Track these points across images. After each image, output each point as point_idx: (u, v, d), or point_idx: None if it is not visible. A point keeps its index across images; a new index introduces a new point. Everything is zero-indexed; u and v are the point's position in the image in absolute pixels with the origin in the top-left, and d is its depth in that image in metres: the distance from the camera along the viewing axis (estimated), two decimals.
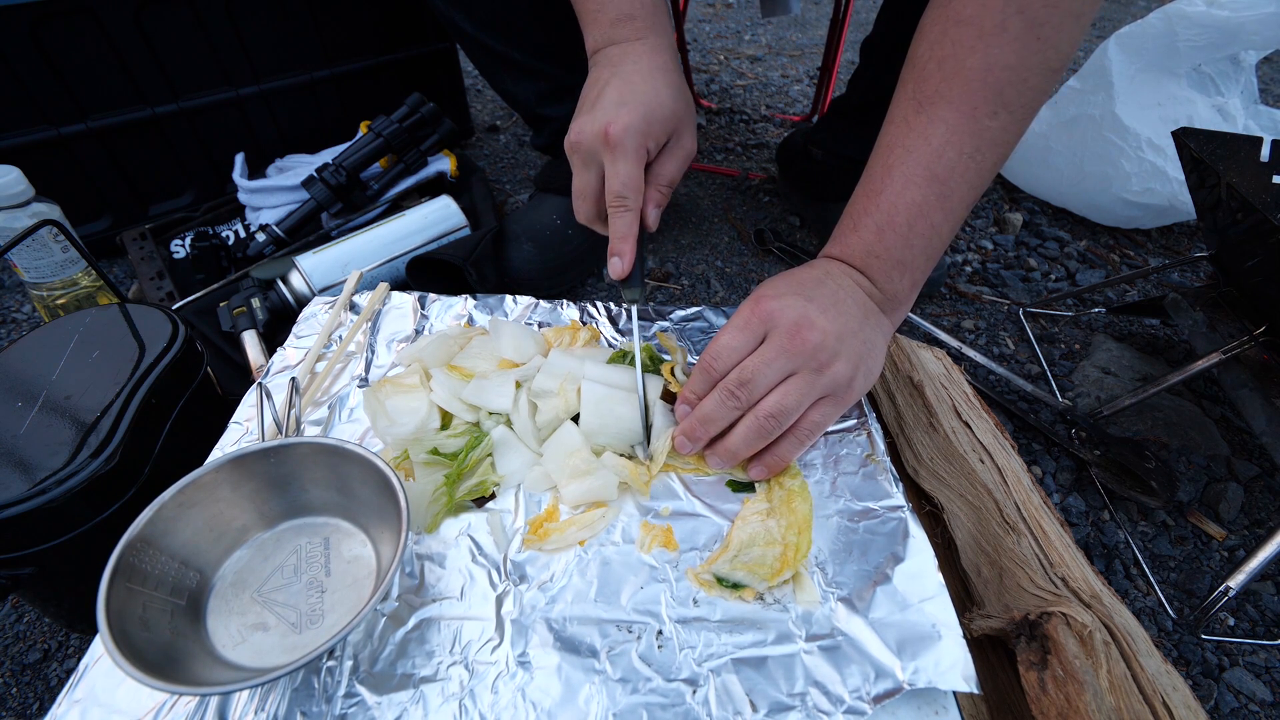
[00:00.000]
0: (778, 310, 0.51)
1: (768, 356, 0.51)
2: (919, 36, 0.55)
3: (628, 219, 0.55)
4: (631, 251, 0.56)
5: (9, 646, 0.65)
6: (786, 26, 2.19)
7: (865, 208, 0.56)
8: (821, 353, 0.51)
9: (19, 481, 0.50)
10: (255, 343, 0.81)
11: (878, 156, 0.56)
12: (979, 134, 0.52)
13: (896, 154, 0.54)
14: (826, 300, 0.53)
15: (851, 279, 0.56)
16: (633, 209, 0.55)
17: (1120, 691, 0.45)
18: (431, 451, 0.53)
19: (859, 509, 0.53)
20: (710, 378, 0.53)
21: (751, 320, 0.52)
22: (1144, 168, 1.11)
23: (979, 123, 0.51)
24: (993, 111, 0.51)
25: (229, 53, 1.07)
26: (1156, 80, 1.10)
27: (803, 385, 0.51)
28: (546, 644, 0.45)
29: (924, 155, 0.53)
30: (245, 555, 0.49)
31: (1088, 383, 0.91)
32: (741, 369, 0.51)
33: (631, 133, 0.54)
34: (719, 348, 0.52)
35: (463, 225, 0.99)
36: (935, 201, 0.53)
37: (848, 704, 0.41)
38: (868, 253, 0.56)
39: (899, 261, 0.55)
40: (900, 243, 0.55)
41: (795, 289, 0.53)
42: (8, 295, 1.06)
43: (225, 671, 0.42)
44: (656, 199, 0.58)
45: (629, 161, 0.54)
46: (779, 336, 0.51)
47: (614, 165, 0.55)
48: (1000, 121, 0.51)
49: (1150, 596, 0.70)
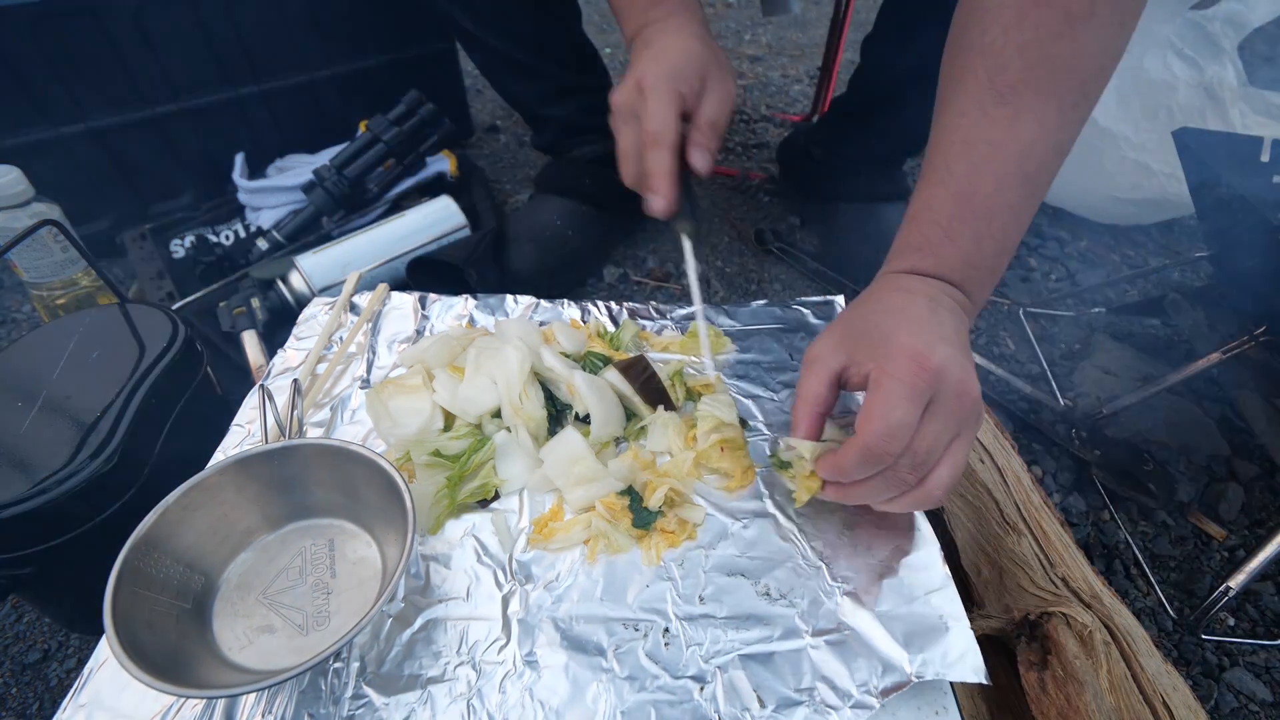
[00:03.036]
0: (945, 371, 0.43)
1: (938, 427, 0.43)
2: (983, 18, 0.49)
3: (662, 155, 0.56)
4: (669, 188, 0.57)
5: (9, 646, 0.65)
6: (786, 26, 2.19)
7: (959, 213, 0.50)
8: (979, 405, 0.46)
9: (19, 481, 0.50)
10: (255, 343, 0.81)
11: (959, 152, 0.50)
12: (1065, 127, 0.49)
13: (982, 150, 0.49)
14: (957, 336, 0.47)
15: (949, 298, 0.50)
16: (665, 144, 0.56)
17: (1120, 691, 0.45)
18: (433, 453, 0.53)
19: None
20: (876, 461, 0.43)
21: (919, 385, 0.43)
22: (1126, 165, 1.10)
23: (1064, 115, 0.48)
24: (1075, 103, 0.48)
25: (229, 53, 1.07)
26: (1133, 68, 1.09)
27: (967, 445, 0.46)
28: (553, 643, 0.45)
29: (1015, 152, 0.48)
30: (250, 558, 0.49)
31: (1088, 383, 0.91)
32: (914, 452, 0.43)
33: (662, 78, 0.57)
34: (892, 426, 0.42)
35: (463, 225, 0.99)
36: (1025, 203, 0.50)
37: (855, 698, 0.42)
38: (966, 264, 0.51)
39: (992, 270, 0.52)
40: (996, 250, 0.51)
41: (929, 330, 0.46)
42: (8, 295, 1.06)
43: (232, 674, 0.42)
44: (700, 140, 0.59)
45: (660, 101, 0.56)
46: (948, 401, 0.44)
47: (646, 108, 0.57)
48: (1080, 113, 0.49)
49: (1150, 596, 0.70)
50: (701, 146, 0.59)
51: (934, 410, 0.43)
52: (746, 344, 0.68)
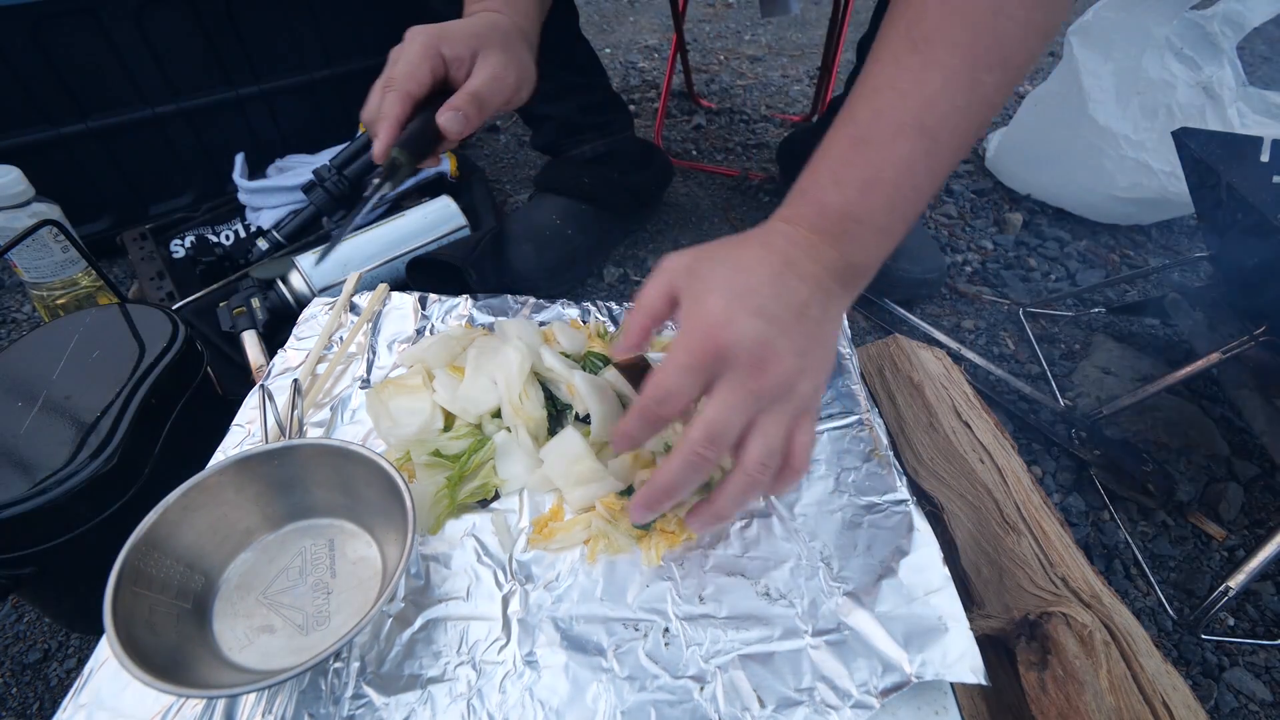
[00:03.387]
0: (733, 343, 0.42)
1: (730, 401, 0.43)
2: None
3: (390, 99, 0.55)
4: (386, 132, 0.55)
5: (9, 646, 0.65)
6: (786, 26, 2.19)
7: (851, 158, 0.48)
8: (786, 381, 0.44)
9: (19, 481, 0.50)
10: (255, 343, 0.81)
11: (863, 97, 0.49)
12: (974, 89, 0.47)
13: (885, 96, 0.47)
14: (784, 310, 0.44)
15: (816, 260, 0.47)
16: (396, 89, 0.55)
17: (1120, 691, 0.45)
18: (434, 453, 0.53)
19: (863, 504, 0.53)
20: (653, 423, 0.44)
21: (700, 354, 0.42)
22: (1126, 165, 1.11)
23: (976, 76, 0.46)
24: (990, 65, 0.46)
25: (229, 53, 1.07)
26: (1132, 68, 1.09)
27: (777, 421, 0.44)
28: (553, 643, 0.45)
29: (917, 102, 0.46)
30: (250, 558, 0.49)
31: (1088, 383, 0.91)
32: (707, 425, 0.42)
33: (427, 32, 0.57)
34: (664, 390, 0.43)
35: (463, 225, 0.99)
36: (923, 158, 0.47)
37: (855, 698, 0.42)
38: (846, 216, 0.48)
39: (881, 228, 0.48)
40: (884, 204, 0.48)
41: (746, 301, 0.43)
42: (8, 295, 1.06)
43: (232, 674, 0.42)
44: (455, 103, 0.56)
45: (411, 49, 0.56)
46: (739, 375, 0.42)
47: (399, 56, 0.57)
48: (995, 79, 0.47)
49: (1150, 596, 0.70)
50: (454, 108, 0.56)
51: (723, 385, 0.43)
52: None
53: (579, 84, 1.03)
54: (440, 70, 0.57)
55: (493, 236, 0.97)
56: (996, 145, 1.37)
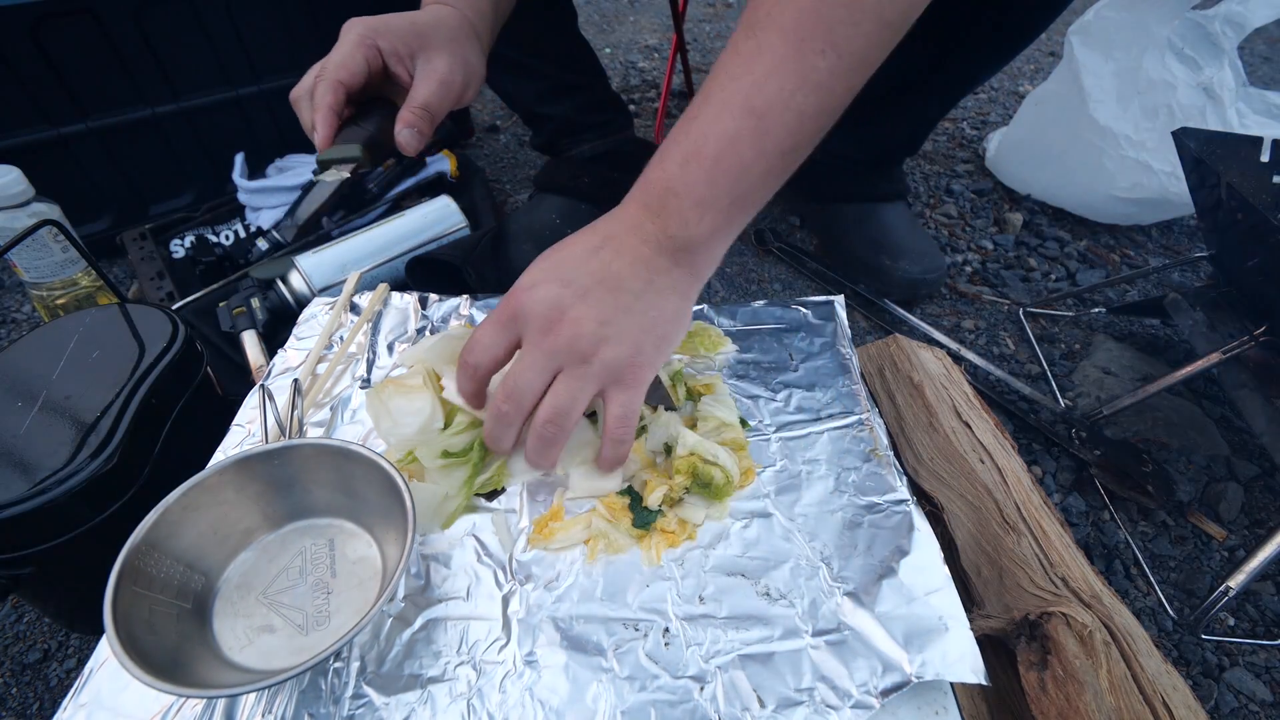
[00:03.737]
0: (528, 304, 0.48)
1: (526, 360, 0.48)
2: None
3: (321, 86, 0.55)
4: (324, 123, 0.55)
5: (9, 646, 0.65)
6: None
7: (676, 136, 0.50)
8: (581, 342, 0.47)
9: (19, 481, 0.50)
10: (255, 343, 0.81)
11: (705, 84, 0.51)
12: (805, 73, 0.47)
13: (718, 80, 0.49)
14: (589, 279, 0.48)
15: (638, 235, 0.50)
16: (327, 79, 0.56)
17: (1120, 692, 0.45)
18: (443, 454, 0.53)
19: (863, 504, 0.53)
20: (470, 374, 0.51)
21: (504, 314, 0.49)
22: (1126, 165, 1.11)
23: (806, 60, 0.47)
24: (821, 50, 0.46)
25: (229, 53, 1.07)
26: (1132, 69, 1.09)
27: (571, 381, 0.48)
28: (553, 643, 0.45)
29: (745, 84, 0.48)
30: (250, 557, 0.49)
31: (1088, 383, 0.91)
32: (505, 380, 0.48)
33: (365, 23, 0.56)
34: (474, 342, 0.50)
35: (462, 225, 0.99)
36: (748, 136, 0.48)
37: (855, 698, 0.42)
38: (667, 190, 0.49)
39: (699, 200, 0.49)
40: (703, 178, 0.49)
41: (555, 272, 0.49)
42: (8, 295, 1.06)
43: (232, 674, 0.42)
44: (407, 119, 0.57)
45: (346, 42, 0.56)
46: (532, 334, 0.48)
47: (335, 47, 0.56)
48: (828, 63, 0.47)
49: (1150, 596, 0.70)
50: (409, 125, 0.57)
51: (523, 344, 0.48)
52: (746, 344, 0.68)
53: (579, 84, 1.03)
54: (377, 61, 0.57)
55: (493, 236, 0.97)
56: (997, 145, 1.37)
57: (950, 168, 1.41)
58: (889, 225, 1.04)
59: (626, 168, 1.09)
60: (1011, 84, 1.82)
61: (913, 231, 1.05)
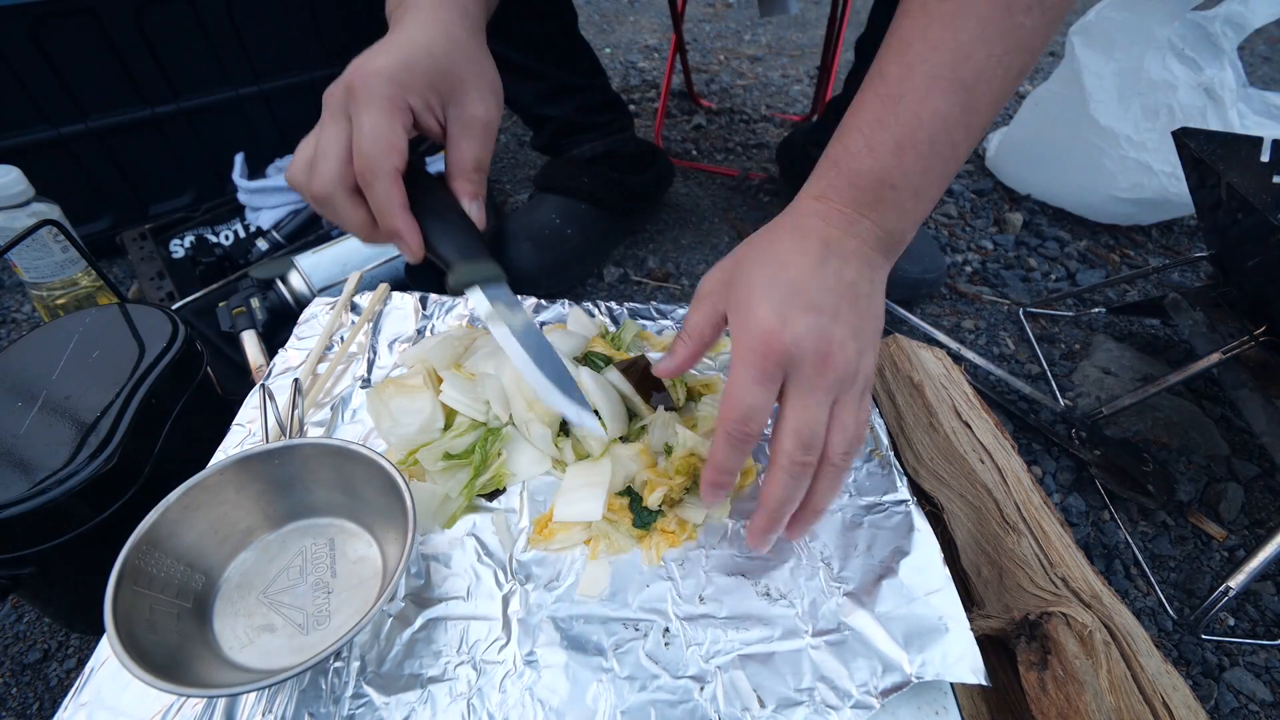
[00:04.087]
0: (792, 345, 0.42)
1: (810, 404, 0.43)
2: None
3: (384, 186, 0.45)
4: (410, 225, 0.46)
5: (9, 646, 0.65)
6: (786, 26, 2.19)
7: (882, 119, 0.45)
8: (851, 367, 0.44)
9: (19, 481, 0.50)
10: (255, 343, 0.81)
11: (892, 51, 0.46)
12: (1011, 32, 0.43)
13: (916, 50, 0.44)
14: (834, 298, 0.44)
15: (856, 235, 0.46)
16: (383, 174, 0.45)
17: (1120, 691, 0.45)
18: (445, 456, 0.53)
19: (864, 503, 0.53)
20: (739, 446, 0.44)
21: (767, 367, 0.42)
22: (1127, 165, 1.11)
23: (1013, 18, 0.43)
24: (1027, 6, 0.43)
25: (229, 53, 1.07)
26: (1133, 69, 1.09)
27: (852, 407, 0.44)
28: (553, 643, 0.45)
29: (950, 53, 0.43)
30: (251, 557, 0.49)
31: (1088, 383, 0.91)
32: (796, 434, 0.43)
33: (382, 79, 0.45)
34: (745, 410, 0.43)
35: None
36: (960, 114, 0.44)
37: (855, 698, 0.42)
38: (881, 182, 0.45)
39: (917, 190, 0.46)
40: (921, 166, 0.45)
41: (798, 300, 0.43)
42: (8, 295, 1.06)
43: (232, 673, 0.42)
44: (468, 190, 0.49)
45: (377, 112, 0.44)
46: (807, 375, 0.43)
47: (360, 117, 0.45)
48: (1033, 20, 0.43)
49: (1150, 596, 0.70)
50: (473, 197, 0.49)
51: (794, 386, 0.43)
52: None
53: (579, 84, 1.03)
54: (409, 122, 0.47)
55: (493, 236, 0.97)
56: (997, 145, 1.37)
57: None
58: None
59: (627, 168, 1.09)
60: None
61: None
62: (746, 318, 0.43)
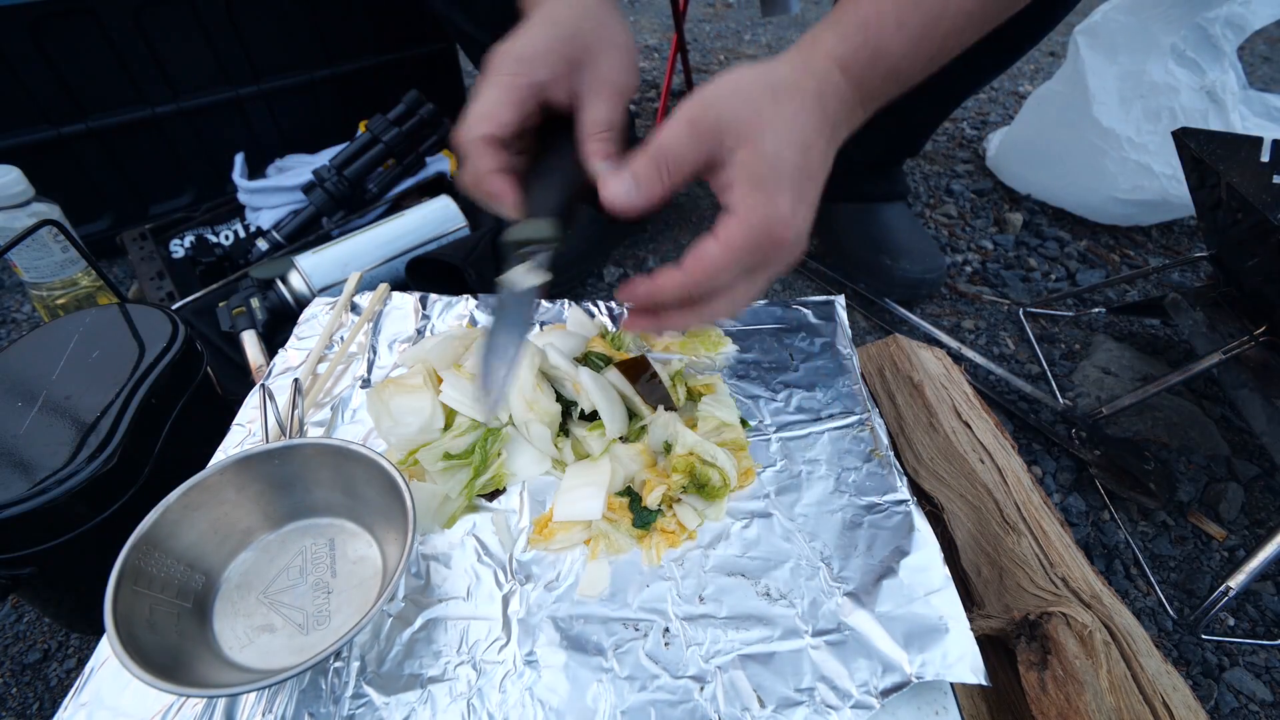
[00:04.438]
0: (787, 242, 0.42)
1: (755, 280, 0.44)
2: None
3: (474, 150, 0.46)
4: (503, 186, 0.46)
5: (9, 646, 0.65)
6: (787, 26, 2.19)
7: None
8: (792, 249, 0.44)
9: (19, 481, 0.50)
10: (255, 343, 0.81)
11: None
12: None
13: None
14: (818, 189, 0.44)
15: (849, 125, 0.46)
16: (476, 135, 0.46)
17: (1120, 691, 0.45)
18: (445, 456, 0.53)
19: (863, 504, 0.53)
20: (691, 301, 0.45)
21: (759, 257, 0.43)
22: (1128, 166, 1.11)
23: None
24: None
25: (229, 53, 1.07)
26: (1136, 72, 1.09)
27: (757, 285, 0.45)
28: (553, 643, 0.45)
29: None
30: (251, 557, 0.49)
31: (1088, 383, 0.91)
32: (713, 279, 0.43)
33: (509, 58, 0.46)
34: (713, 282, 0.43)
35: (462, 225, 0.99)
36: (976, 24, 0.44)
37: (855, 698, 0.42)
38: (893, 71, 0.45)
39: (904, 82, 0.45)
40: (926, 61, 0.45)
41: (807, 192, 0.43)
42: (8, 295, 1.06)
43: (232, 673, 0.42)
44: (598, 151, 0.47)
45: (488, 87, 0.46)
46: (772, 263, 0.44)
47: (476, 93, 0.47)
48: None
49: (1150, 596, 0.70)
50: (601, 157, 0.47)
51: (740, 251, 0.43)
52: (747, 344, 0.68)
53: None
54: (525, 96, 0.47)
55: (493, 236, 0.97)
56: (998, 145, 1.37)
57: (950, 168, 1.41)
58: (889, 225, 1.04)
59: None
60: (1012, 84, 1.82)
61: (913, 231, 1.05)
62: (768, 201, 0.41)
